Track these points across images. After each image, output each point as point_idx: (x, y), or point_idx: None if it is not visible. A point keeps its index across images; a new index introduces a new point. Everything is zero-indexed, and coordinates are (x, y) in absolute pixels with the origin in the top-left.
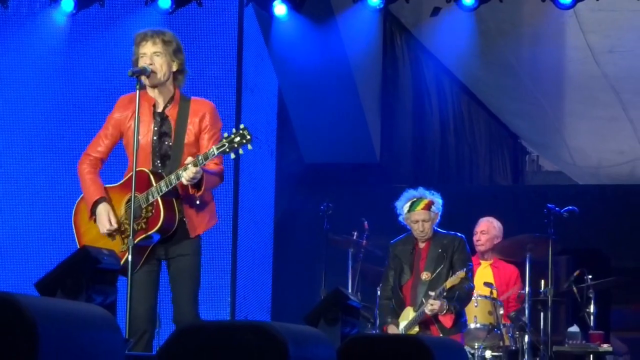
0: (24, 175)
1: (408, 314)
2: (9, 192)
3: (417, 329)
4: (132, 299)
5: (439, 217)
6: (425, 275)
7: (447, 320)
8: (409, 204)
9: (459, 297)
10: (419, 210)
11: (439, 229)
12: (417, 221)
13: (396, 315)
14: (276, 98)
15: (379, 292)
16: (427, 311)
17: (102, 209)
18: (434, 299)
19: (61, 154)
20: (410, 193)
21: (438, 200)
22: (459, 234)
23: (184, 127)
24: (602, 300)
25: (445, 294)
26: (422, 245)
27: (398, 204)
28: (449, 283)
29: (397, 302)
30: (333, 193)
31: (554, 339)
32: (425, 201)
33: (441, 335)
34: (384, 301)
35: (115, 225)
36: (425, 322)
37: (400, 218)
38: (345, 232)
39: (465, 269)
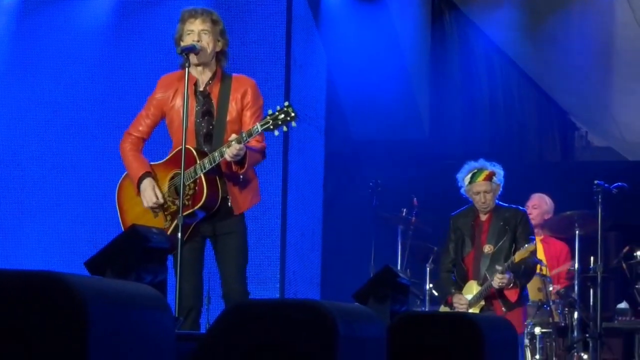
0: (70, 155)
1: (472, 288)
2: (56, 172)
3: (482, 302)
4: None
5: (500, 189)
6: (487, 248)
7: (512, 295)
8: (470, 175)
9: (525, 272)
10: (480, 181)
11: (500, 202)
12: (478, 192)
13: (459, 287)
14: (325, 75)
15: (426, 268)
16: (494, 285)
17: (147, 183)
18: (502, 272)
19: (107, 133)
20: (471, 164)
21: (499, 172)
22: (521, 208)
23: (226, 104)
24: None
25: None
26: (483, 217)
27: (459, 175)
28: (517, 256)
29: (460, 274)
30: (382, 170)
31: (603, 316)
32: (487, 172)
33: (504, 309)
34: (445, 274)
35: (161, 200)
36: (488, 296)
37: (462, 190)
38: (394, 209)
39: (533, 242)
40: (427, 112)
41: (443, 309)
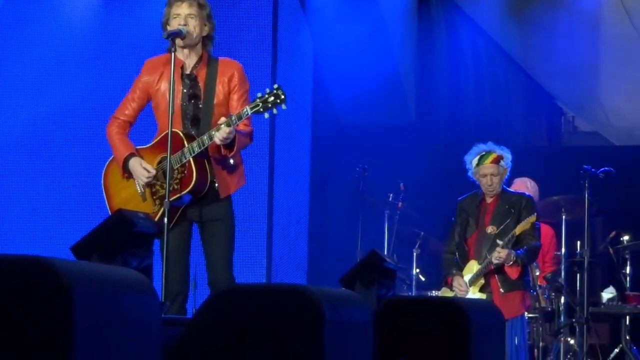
0: (58, 139)
1: (472, 267)
2: (44, 156)
3: (482, 280)
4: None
5: (507, 173)
6: (490, 229)
7: (513, 272)
8: (477, 157)
9: (527, 251)
10: (487, 163)
11: (507, 188)
12: (485, 175)
13: (460, 268)
14: (312, 60)
15: (412, 253)
16: (493, 260)
17: (134, 162)
18: (502, 247)
19: (94, 120)
20: (480, 147)
21: (507, 155)
22: (527, 194)
23: (213, 87)
24: (638, 262)
25: (511, 245)
26: (489, 200)
27: (467, 158)
28: (518, 229)
29: (461, 255)
30: (368, 154)
31: (590, 301)
32: (494, 155)
33: (502, 290)
34: (448, 255)
35: (153, 172)
36: (487, 275)
37: (469, 173)
38: (381, 194)
39: (535, 214)
40: (413, 98)
41: (444, 290)
